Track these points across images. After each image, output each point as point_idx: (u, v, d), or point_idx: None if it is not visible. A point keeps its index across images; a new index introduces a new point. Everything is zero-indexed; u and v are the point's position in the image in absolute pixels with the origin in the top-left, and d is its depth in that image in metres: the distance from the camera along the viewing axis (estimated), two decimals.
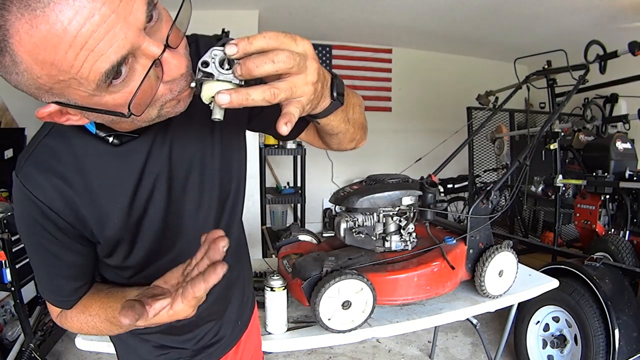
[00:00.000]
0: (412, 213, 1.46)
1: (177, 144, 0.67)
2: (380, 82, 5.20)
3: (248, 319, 0.98)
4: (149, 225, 0.67)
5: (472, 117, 3.39)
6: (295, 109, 0.46)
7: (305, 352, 2.48)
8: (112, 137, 0.60)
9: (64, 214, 0.61)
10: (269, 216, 4.26)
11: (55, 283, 0.70)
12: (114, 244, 0.66)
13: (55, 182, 0.60)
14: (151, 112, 0.51)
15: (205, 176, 0.72)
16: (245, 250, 0.96)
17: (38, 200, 0.59)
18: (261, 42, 0.42)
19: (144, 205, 0.66)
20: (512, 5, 3.40)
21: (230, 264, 0.79)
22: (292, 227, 1.68)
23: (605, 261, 2.08)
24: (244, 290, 0.94)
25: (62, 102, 0.47)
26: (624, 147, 2.55)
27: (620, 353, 1.78)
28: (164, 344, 0.84)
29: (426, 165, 2.15)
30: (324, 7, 3.77)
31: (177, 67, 0.47)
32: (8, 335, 2.24)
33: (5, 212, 2.05)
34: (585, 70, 2.26)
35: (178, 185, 0.69)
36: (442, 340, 2.61)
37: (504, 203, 2.93)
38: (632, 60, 2.33)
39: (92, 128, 0.60)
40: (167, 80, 0.48)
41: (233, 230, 0.81)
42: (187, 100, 0.53)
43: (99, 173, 0.62)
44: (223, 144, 0.73)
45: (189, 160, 0.69)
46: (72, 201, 0.61)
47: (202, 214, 0.73)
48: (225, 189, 0.76)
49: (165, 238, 0.70)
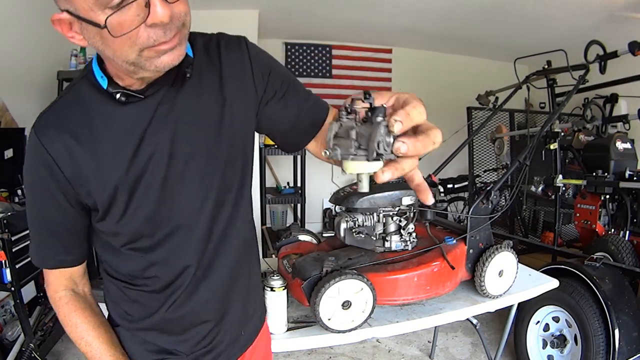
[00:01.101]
0: (412, 213, 1.46)
1: (185, 116, 0.69)
2: (380, 82, 5.20)
3: (255, 332, 0.91)
4: (145, 187, 0.68)
5: (472, 117, 3.40)
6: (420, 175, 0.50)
7: (305, 352, 2.47)
8: (119, 94, 0.65)
9: (66, 169, 0.65)
10: (269, 216, 4.26)
11: (44, 239, 0.74)
12: (109, 202, 0.68)
13: (65, 136, 0.65)
14: (129, 53, 0.56)
15: (210, 159, 0.72)
16: (254, 254, 0.90)
17: (46, 152, 0.64)
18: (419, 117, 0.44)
19: (144, 165, 0.68)
20: (512, 5, 3.41)
21: (235, 259, 0.80)
22: (292, 227, 1.68)
23: (605, 261, 2.08)
24: (250, 296, 0.88)
25: (70, 12, 0.55)
26: (624, 147, 2.54)
27: (620, 353, 1.78)
28: (159, 346, 0.80)
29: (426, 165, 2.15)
30: (324, 7, 3.77)
31: (161, 14, 0.53)
32: (8, 335, 2.23)
33: (5, 212, 2.05)
34: (585, 70, 2.27)
35: (180, 154, 0.69)
36: (442, 340, 2.61)
37: (504, 203, 2.93)
38: (632, 60, 2.33)
39: (103, 83, 0.65)
40: (149, 23, 0.53)
41: (235, 229, 0.78)
42: (166, 60, 0.58)
43: (105, 128, 0.66)
44: (233, 133, 0.74)
45: (194, 138, 0.70)
46: (76, 156, 0.65)
47: (202, 191, 0.72)
48: (228, 179, 0.75)
49: (161, 206, 0.70)
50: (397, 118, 0.42)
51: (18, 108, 2.79)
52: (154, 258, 0.73)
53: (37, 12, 2.97)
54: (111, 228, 0.71)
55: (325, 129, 0.76)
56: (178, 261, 0.74)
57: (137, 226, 0.70)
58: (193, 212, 0.72)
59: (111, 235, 0.72)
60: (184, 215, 0.72)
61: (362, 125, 0.43)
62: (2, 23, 2.67)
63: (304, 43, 4.98)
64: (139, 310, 0.78)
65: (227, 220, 0.76)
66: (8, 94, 2.72)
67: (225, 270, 0.79)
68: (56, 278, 0.77)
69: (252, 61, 0.75)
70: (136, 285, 0.76)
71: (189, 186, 0.71)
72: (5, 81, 2.72)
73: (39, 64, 3.09)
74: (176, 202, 0.71)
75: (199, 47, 0.72)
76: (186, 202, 0.72)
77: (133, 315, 0.79)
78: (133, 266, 0.75)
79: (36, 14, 2.96)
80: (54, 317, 2.46)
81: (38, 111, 0.68)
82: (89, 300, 0.81)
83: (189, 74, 0.68)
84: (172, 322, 0.78)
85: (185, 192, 0.71)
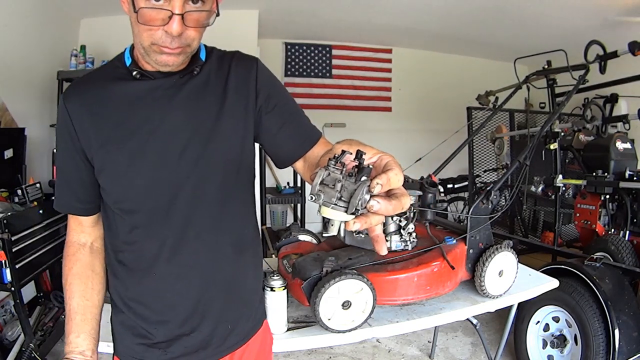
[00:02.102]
0: (412, 213, 1.46)
1: (187, 102, 0.79)
2: (380, 82, 5.21)
3: (248, 333, 0.92)
4: (141, 155, 0.77)
5: (472, 117, 3.39)
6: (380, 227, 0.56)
7: (305, 352, 2.47)
8: (135, 72, 0.78)
9: (78, 127, 0.78)
10: (269, 216, 4.26)
11: (62, 187, 0.86)
12: (107, 162, 0.78)
13: (84, 102, 0.78)
14: (144, 39, 0.71)
15: (207, 146, 0.79)
16: (250, 253, 0.91)
17: (67, 113, 0.78)
18: (397, 183, 0.50)
19: (144, 135, 0.77)
20: (512, 5, 3.41)
21: (217, 244, 0.83)
22: (292, 227, 1.68)
23: (605, 261, 2.08)
24: (242, 290, 0.89)
25: None
26: (624, 147, 2.55)
27: (620, 353, 1.78)
28: (141, 329, 0.83)
29: (426, 165, 2.15)
30: (324, 8, 3.77)
31: (174, 29, 0.68)
32: (8, 335, 2.23)
33: (5, 212, 2.05)
34: (585, 70, 2.27)
35: (178, 132, 0.78)
36: (442, 340, 2.61)
37: (504, 203, 2.93)
38: (632, 60, 2.33)
39: (128, 62, 0.80)
40: (164, 29, 0.68)
41: (227, 211, 0.83)
42: (167, 60, 0.72)
43: (119, 96, 0.78)
44: (228, 123, 0.81)
45: (193, 120, 0.79)
46: (90, 118, 0.77)
47: (192, 169, 0.78)
48: (231, 164, 0.82)
49: (154, 175, 0.78)
50: (379, 182, 0.48)
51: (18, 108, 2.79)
52: (137, 221, 0.80)
53: (37, 12, 2.97)
54: (106, 185, 0.80)
55: (314, 155, 0.84)
56: (159, 229, 0.80)
57: (127, 188, 0.79)
58: (178, 186, 0.79)
59: (105, 193, 0.81)
60: (171, 187, 0.78)
61: (347, 179, 0.49)
62: (2, 23, 2.67)
63: (304, 43, 4.98)
64: (122, 280, 0.85)
65: (213, 203, 0.81)
66: (8, 94, 2.72)
67: (203, 251, 0.82)
68: (73, 223, 0.89)
69: (258, 76, 0.84)
70: (121, 251, 0.84)
71: (181, 162, 0.78)
72: (5, 81, 2.72)
73: (39, 64, 3.09)
74: (165, 174, 0.78)
75: (214, 56, 0.84)
76: (174, 175, 0.78)
77: (117, 287, 0.86)
78: (119, 229, 0.82)
79: (36, 14, 2.96)
80: (54, 317, 2.46)
81: (38, 111, 0.70)
82: (95, 253, 0.90)
83: (196, 72, 0.80)
84: (151, 295, 0.83)
85: (175, 166, 0.78)
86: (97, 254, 0.90)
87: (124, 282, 0.85)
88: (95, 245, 0.90)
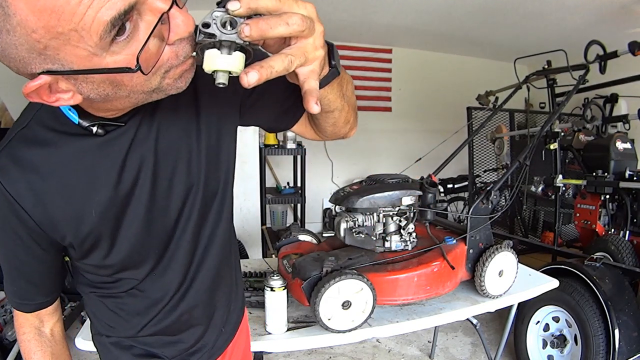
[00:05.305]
0: (412, 213, 1.46)
1: (164, 134, 0.64)
2: (380, 82, 5.20)
3: (235, 327, 0.92)
4: (131, 218, 0.64)
5: (472, 117, 3.39)
6: (315, 82, 0.44)
7: (305, 352, 2.47)
8: (96, 127, 0.57)
9: (34, 213, 0.58)
10: (269, 216, 4.25)
11: (17, 285, 0.70)
12: (93, 241, 0.63)
13: (29, 176, 0.57)
14: (152, 80, 0.47)
15: (191, 171, 0.68)
16: (234, 255, 0.90)
17: (9, 194, 0.57)
18: (267, 1, 0.40)
19: (128, 193, 0.62)
20: (512, 5, 3.40)
21: (217, 268, 0.79)
22: (292, 227, 1.68)
23: (605, 261, 2.08)
24: (231, 295, 0.89)
25: (55, 71, 0.43)
26: (624, 147, 2.55)
27: (620, 353, 1.78)
28: (147, 350, 0.79)
29: (426, 165, 2.15)
30: (324, 7, 3.76)
31: (185, 24, 0.43)
32: (8, 335, 2.23)
33: None
34: (585, 70, 2.26)
35: (163, 171, 0.65)
36: (442, 340, 2.61)
37: (504, 203, 2.93)
38: (632, 60, 2.33)
39: (74, 119, 0.56)
40: (174, 39, 0.44)
41: (219, 233, 0.77)
42: (188, 76, 0.50)
43: (79, 165, 0.59)
44: (211, 139, 0.69)
45: (175, 153, 0.65)
46: (44, 199, 0.58)
47: (186, 212, 0.70)
48: (212, 188, 0.72)
49: (149, 235, 0.67)
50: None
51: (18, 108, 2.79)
52: (142, 281, 0.72)
53: None
54: (98, 262, 0.67)
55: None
56: (165, 278, 0.73)
57: (125, 254, 0.66)
58: (180, 229, 0.70)
59: (99, 268, 0.69)
60: (171, 234, 0.70)
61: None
62: None
63: None
64: (122, 323, 0.76)
65: (211, 228, 0.75)
66: (8, 94, 2.72)
67: (210, 275, 0.79)
68: (25, 318, 0.74)
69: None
70: (118, 297, 0.74)
71: (175, 203, 0.68)
72: (5, 81, 2.72)
73: None
74: (163, 222, 0.68)
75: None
76: (173, 221, 0.69)
77: (116, 327, 0.77)
78: (111, 291, 0.73)
79: None
80: None
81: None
82: (56, 340, 0.77)
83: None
84: (162, 330, 0.77)
85: (171, 210, 0.68)
86: (59, 347, 0.77)
87: (128, 323, 0.77)
88: (57, 334, 0.77)
